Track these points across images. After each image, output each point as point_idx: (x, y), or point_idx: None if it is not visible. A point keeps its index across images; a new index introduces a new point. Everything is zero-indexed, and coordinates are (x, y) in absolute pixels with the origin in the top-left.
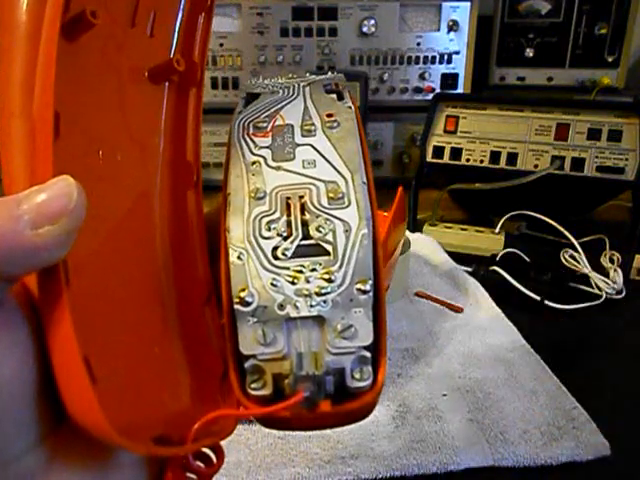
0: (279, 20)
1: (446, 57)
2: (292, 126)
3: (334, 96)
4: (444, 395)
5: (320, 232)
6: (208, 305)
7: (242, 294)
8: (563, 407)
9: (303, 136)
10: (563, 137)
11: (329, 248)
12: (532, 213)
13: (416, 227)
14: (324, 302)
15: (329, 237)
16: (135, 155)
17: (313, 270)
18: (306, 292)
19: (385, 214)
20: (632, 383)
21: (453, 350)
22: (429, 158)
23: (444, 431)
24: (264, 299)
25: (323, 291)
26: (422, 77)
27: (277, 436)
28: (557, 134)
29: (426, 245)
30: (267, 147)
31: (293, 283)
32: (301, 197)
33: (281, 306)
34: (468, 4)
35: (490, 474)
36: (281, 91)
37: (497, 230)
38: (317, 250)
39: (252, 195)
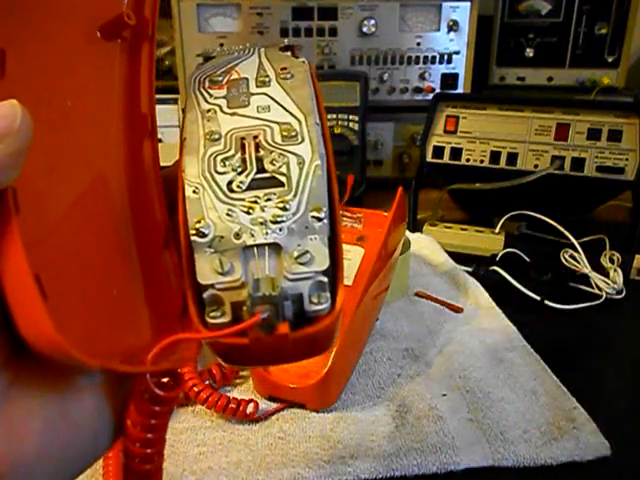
0: (279, 20)
1: (446, 57)
2: (247, 79)
3: (288, 53)
4: (444, 395)
5: (274, 165)
6: (167, 249)
7: (198, 225)
8: (563, 407)
9: (258, 87)
10: (563, 137)
11: (283, 179)
12: (532, 213)
13: (416, 227)
14: (279, 230)
15: (283, 169)
16: (89, 108)
17: (268, 200)
18: (261, 220)
19: (385, 214)
20: (632, 383)
21: (453, 350)
22: (429, 158)
23: (444, 431)
24: (220, 229)
25: (278, 219)
26: (422, 77)
27: (277, 436)
28: (557, 134)
29: (426, 245)
30: (222, 97)
31: (248, 213)
32: (255, 137)
33: (237, 235)
34: (468, 4)
35: (490, 474)
36: (236, 52)
37: (497, 230)
38: (272, 182)
39: (207, 137)
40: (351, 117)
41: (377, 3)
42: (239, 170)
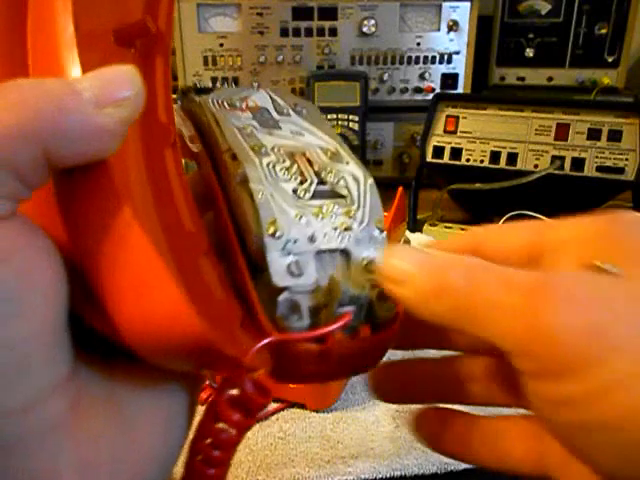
0: (279, 20)
1: (446, 57)
2: (266, 108)
3: (291, 94)
4: None
5: (332, 179)
6: (207, 257)
7: (272, 228)
8: None
9: (280, 114)
10: (563, 137)
11: (344, 192)
12: (532, 213)
13: (416, 227)
14: (349, 237)
15: (342, 183)
16: None
17: (335, 209)
18: (334, 226)
19: (385, 214)
20: None
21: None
22: (429, 158)
23: None
24: (294, 232)
25: (348, 227)
26: (422, 77)
27: (277, 436)
28: (557, 134)
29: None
30: (251, 119)
31: (320, 218)
32: (303, 154)
33: (311, 238)
34: (468, 4)
35: (490, 474)
36: (236, 88)
37: None
38: (333, 194)
39: (254, 150)
40: (351, 117)
41: (377, 3)
42: (299, 180)
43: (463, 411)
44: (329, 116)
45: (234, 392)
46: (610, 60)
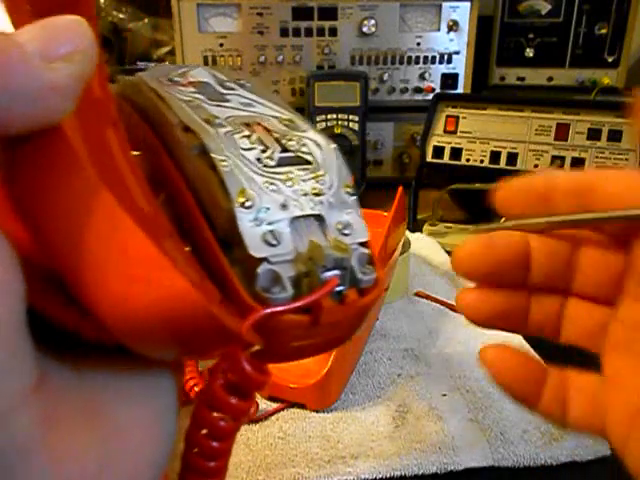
0: (279, 20)
1: (446, 57)
2: (209, 83)
3: (232, 71)
4: (444, 395)
5: (295, 145)
6: (171, 239)
7: (241, 198)
8: None
9: (225, 88)
10: (563, 137)
11: (309, 158)
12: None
13: (416, 227)
14: (321, 202)
15: (305, 149)
16: None
17: (302, 175)
18: (304, 192)
19: (385, 214)
20: None
21: (453, 350)
22: (429, 158)
23: (444, 431)
24: (266, 200)
25: (318, 192)
26: (422, 77)
27: (277, 436)
28: (557, 134)
29: (426, 245)
30: (195, 93)
31: (289, 185)
32: (259, 123)
33: (283, 206)
34: (468, 4)
35: (490, 474)
36: (173, 64)
37: None
38: (298, 160)
39: (208, 121)
40: (351, 117)
41: (377, 3)
42: (261, 148)
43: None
44: (329, 116)
45: (227, 375)
46: (610, 60)
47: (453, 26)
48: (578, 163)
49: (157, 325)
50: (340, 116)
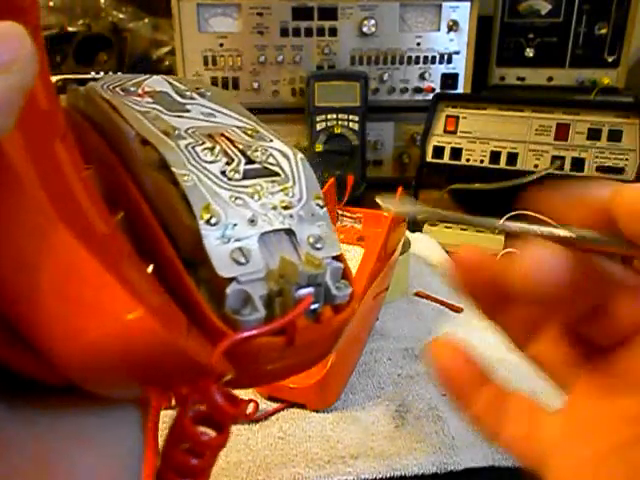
0: (279, 20)
1: (446, 57)
2: (166, 92)
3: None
4: (444, 395)
5: (261, 157)
6: (130, 260)
7: (206, 215)
8: None
9: (184, 98)
10: (563, 137)
11: (277, 169)
12: (532, 213)
13: (416, 227)
14: (290, 216)
15: (271, 160)
16: None
17: (270, 187)
18: (272, 206)
19: (385, 214)
20: None
21: None
22: (429, 158)
23: (444, 431)
24: (232, 215)
25: (288, 205)
26: (422, 77)
27: (277, 436)
28: (557, 134)
29: (426, 245)
30: (153, 103)
31: (256, 198)
32: (222, 134)
33: (252, 221)
34: (468, 4)
35: (490, 474)
36: (127, 74)
37: (497, 230)
38: (265, 172)
39: (167, 133)
40: (351, 117)
41: (377, 3)
42: (225, 161)
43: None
44: (329, 116)
45: (198, 408)
46: (610, 60)
47: (453, 26)
48: (578, 163)
49: (115, 361)
50: (340, 116)
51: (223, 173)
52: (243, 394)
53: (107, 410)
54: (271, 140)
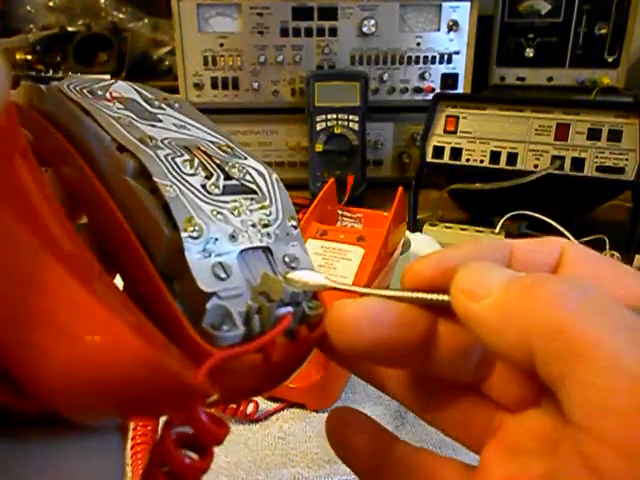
0: (279, 20)
1: (446, 57)
2: (135, 100)
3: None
4: None
5: (238, 174)
6: (100, 282)
7: (189, 228)
8: None
9: (153, 107)
10: (563, 137)
11: (254, 187)
12: (532, 213)
13: (416, 227)
14: (268, 234)
15: (249, 177)
16: None
17: (249, 205)
18: (252, 223)
19: (385, 214)
20: None
21: None
22: (429, 158)
23: None
24: (214, 230)
25: (266, 223)
26: (422, 77)
27: (277, 436)
28: (557, 134)
29: (426, 245)
30: (124, 109)
31: (237, 215)
32: (198, 147)
33: (233, 237)
34: (468, 4)
35: None
36: (88, 77)
37: (497, 230)
38: (244, 189)
39: (144, 141)
40: (351, 117)
41: (377, 3)
42: (205, 175)
43: (387, 430)
44: (329, 116)
45: (181, 430)
46: (610, 60)
47: (453, 26)
48: (578, 163)
49: (98, 383)
50: (340, 116)
51: (204, 187)
52: None
53: (87, 439)
54: (245, 158)
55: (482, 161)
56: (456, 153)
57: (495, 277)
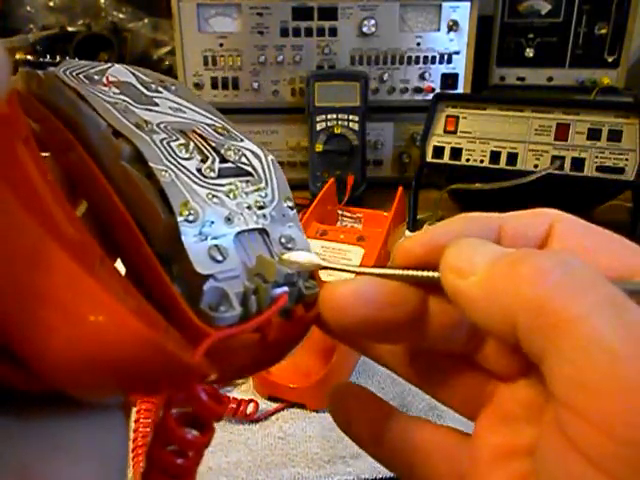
0: (279, 20)
1: (446, 57)
2: (131, 83)
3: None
4: None
5: (234, 156)
6: (102, 266)
7: (185, 211)
8: None
9: (150, 90)
10: (563, 137)
11: (250, 169)
12: None
13: (416, 227)
14: (264, 216)
15: (244, 160)
16: None
17: (244, 187)
18: (247, 205)
19: (385, 214)
20: None
21: None
22: (429, 158)
23: None
24: (209, 213)
25: (262, 205)
26: (422, 77)
27: (277, 436)
28: (557, 134)
29: None
30: (120, 94)
31: (232, 197)
32: (194, 131)
33: (229, 220)
34: (468, 4)
35: None
36: (86, 61)
37: None
38: (239, 172)
39: (140, 126)
40: (351, 117)
41: (377, 3)
42: (200, 158)
43: (386, 402)
44: (329, 116)
45: (181, 408)
46: (610, 60)
47: (453, 26)
48: (578, 163)
49: (98, 363)
50: (340, 116)
51: (199, 171)
52: (244, 395)
53: (90, 415)
54: (242, 140)
55: (482, 161)
56: (456, 153)
57: (482, 254)
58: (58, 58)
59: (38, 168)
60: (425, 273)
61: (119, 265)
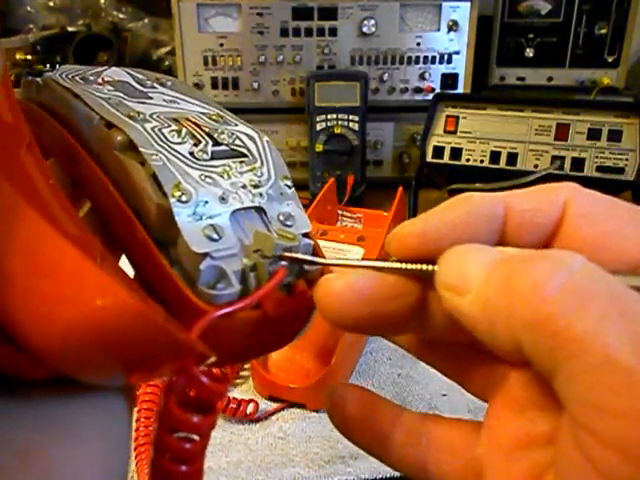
0: (279, 20)
1: (446, 57)
2: (127, 82)
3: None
4: (444, 395)
5: (227, 139)
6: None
7: (177, 192)
8: None
9: (145, 87)
10: (563, 137)
11: (244, 151)
12: None
13: None
14: (260, 194)
15: (238, 142)
16: None
17: (239, 167)
18: (242, 184)
19: (385, 214)
20: None
21: None
22: (429, 158)
23: None
24: (203, 193)
25: (257, 184)
26: (422, 77)
27: (277, 436)
28: (557, 134)
29: None
30: (114, 91)
31: (226, 177)
32: (187, 118)
33: (223, 199)
34: (468, 4)
35: None
36: (83, 66)
37: None
38: (233, 153)
39: (132, 116)
40: (351, 117)
41: (377, 3)
42: (193, 142)
43: (389, 401)
44: (329, 116)
45: (182, 390)
46: (610, 60)
47: (453, 26)
48: (578, 163)
49: (97, 343)
50: (340, 116)
51: (191, 154)
52: (244, 395)
53: (93, 400)
54: (236, 124)
55: (482, 161)
56: (456, 153)
57: (475, 267)
58: (58, 59)
59: (41, 172)
60: (423, 266)
61: (125, 264)
